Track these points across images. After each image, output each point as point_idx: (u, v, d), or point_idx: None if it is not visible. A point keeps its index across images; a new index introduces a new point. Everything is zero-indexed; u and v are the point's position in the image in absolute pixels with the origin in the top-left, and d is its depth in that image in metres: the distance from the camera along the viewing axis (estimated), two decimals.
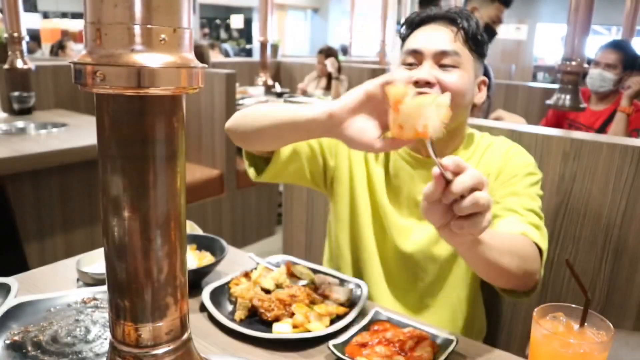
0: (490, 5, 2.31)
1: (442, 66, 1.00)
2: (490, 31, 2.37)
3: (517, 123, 1.70)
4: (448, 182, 0.65)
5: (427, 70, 0.99)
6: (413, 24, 1.06)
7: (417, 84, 0.98)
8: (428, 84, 0.98)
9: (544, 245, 0.94)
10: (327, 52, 4.04)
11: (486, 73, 1.53)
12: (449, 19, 1.03)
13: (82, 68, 0.30)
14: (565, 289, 1.28)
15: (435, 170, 0.65)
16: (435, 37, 1.01)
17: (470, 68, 1.03)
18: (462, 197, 0.65)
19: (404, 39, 1.07)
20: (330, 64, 3.88)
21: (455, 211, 0.66)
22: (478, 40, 1.04)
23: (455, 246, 0.79)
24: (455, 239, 0.71)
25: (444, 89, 0.97)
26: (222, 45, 7.79)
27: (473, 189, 0.65)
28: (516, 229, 0.93)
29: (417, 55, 1.01)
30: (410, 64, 1.02)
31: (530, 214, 0.97)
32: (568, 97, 1.68)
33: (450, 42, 1.01)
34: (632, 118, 2.36)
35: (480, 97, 1.08)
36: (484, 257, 0.79)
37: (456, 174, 0.65)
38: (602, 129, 2.44)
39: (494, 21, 2.35)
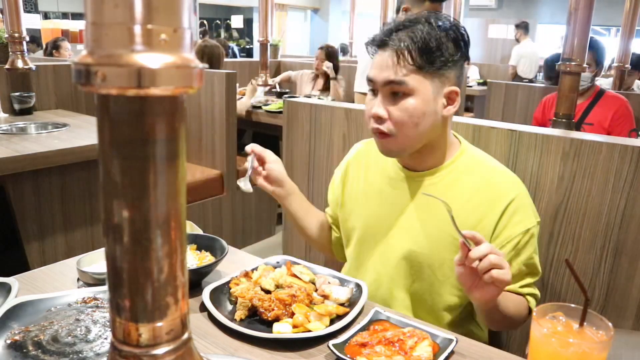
0: (422, 5, 2.33)
1: (395, 93, 1.00)
2: None
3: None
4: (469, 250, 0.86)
5: (379, 105, 1.01)
6: (374, 46, 1.05)
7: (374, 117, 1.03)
8: (380, 119, 1.02)
9: (534, 307, 1.06)
10: (328, 50, 4.02)
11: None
12: (388, 43, 1.00)
13: (83, 68, 0.30)
14: (565, 288, 1.28)
15: (460, 239, 0.87)
16: (384, 65, 1.00)
17: (425, 89, 0.99)
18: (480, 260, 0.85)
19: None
20: (327, 68, 3.86)
21: (479, 271, 0.86)
22: (431, 55, 0.97)
23: (483, 302, 0.93)
24: (485, 296, 0.89)
25: (392, 121, 1.01)
26: (229, 45, 7.36)
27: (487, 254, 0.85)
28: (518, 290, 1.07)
29: (373, 83, 1.03)
30: (372, 90, 1.05)
31: (528, 278, 1.08)
32: None
33: (395, 70, 0.98)
34: (630, 118, 2.39)
35: (451, 108, 1.04)
36: (499, 313, 0.98)
37: (475, 243, 0.86)
38: (581, 120, 2.51)
39: None
